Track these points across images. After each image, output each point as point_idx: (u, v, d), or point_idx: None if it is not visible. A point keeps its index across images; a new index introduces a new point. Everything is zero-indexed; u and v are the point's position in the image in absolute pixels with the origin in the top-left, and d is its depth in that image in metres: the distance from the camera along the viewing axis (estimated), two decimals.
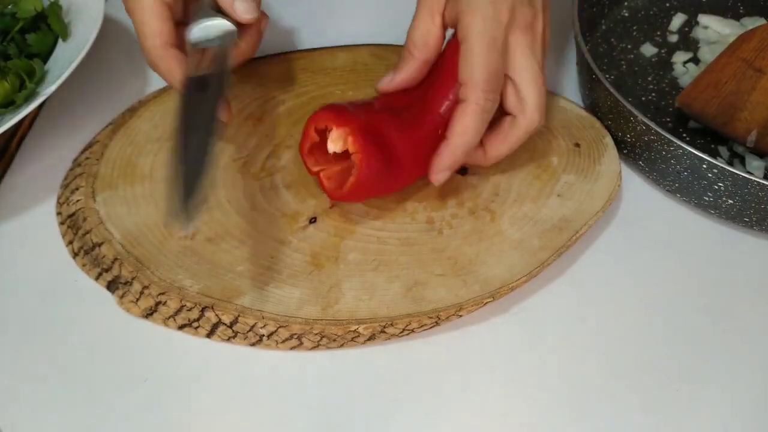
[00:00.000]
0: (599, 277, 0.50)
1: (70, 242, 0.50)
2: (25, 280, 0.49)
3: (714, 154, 0.55)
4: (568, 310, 0.48)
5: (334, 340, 0.45)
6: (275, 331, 0.45)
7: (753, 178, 0.47)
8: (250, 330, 0.45)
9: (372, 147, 0.45)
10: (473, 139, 0.46)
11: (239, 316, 0.45)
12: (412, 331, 0.45)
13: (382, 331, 0.45)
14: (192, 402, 0.44)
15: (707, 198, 0.51)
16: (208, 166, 0.38)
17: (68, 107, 0.59)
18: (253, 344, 0.46)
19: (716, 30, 0.63)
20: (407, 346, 0.46)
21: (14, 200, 0.53)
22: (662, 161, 0.51)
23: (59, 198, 0.53)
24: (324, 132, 0.46)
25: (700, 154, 0.48)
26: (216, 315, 0.45)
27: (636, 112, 0.50)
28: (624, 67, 0.62)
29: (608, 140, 0.54)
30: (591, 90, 0.56)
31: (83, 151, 0.55)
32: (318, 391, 0.44)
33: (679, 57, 0.62)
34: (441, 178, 0.47)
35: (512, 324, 0.47)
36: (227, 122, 0.48)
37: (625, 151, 0.55)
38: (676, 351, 0.47)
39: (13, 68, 0.53)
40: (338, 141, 0.45)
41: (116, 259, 0.47)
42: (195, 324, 0.46)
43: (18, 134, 0.57)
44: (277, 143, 0.54)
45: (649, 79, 0.61)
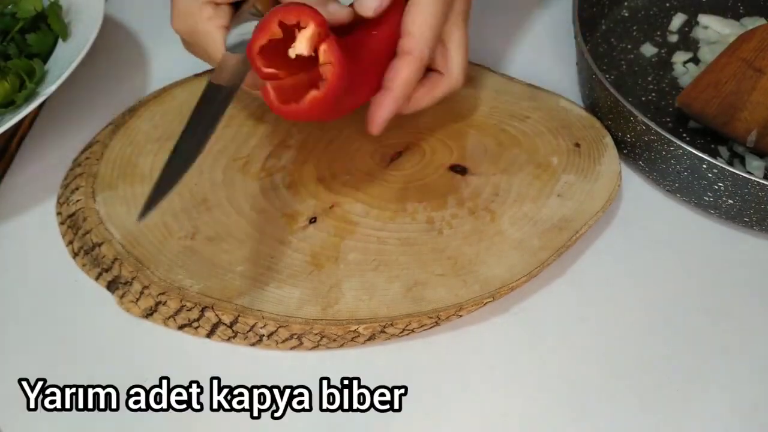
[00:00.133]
0: (599, 277, 0.50)
1: (70, 242, 0.50)
2: (25, 280, 0.49)
3: (714, 154, 0.55)
4: (568, 310, 0.48)
5: (334, 340, 0.45)
6: (275, 331, 0.45)
7: (753, 178, 0.47)
8: (250, 330, 0.45)
9: (345, 61, 0.40)
10: (411, 91, 0.46)
11: (239, 316, 0.45)
12: (412, 331, 0.45)
13: (382, 331, 0.45)
14: (192, 402, 0.44)
15: (707, 198, 0.51)
16: (181, 176, 0.40)
17: (68, 107, 0.59)
18: (253, 344, 0.46)
19: (716, 30, 0.63)
20: (407, 346, 0.46)
21: (14, 200, 0.53)
22: (662, 161, 0.51)
23: (59, 198, 0.53)
24: (291, 29, 0.40)
25: (700, 154, 0.48)
26: (216, 315, 0.45)
27: (636, 112, 0.50)
28: (624, 67, 0.62)
29: (608, 140, 0.54)
30: (591, 90, 0.56)
31: (83, 151, 0.55)
32: (318, 391, 0.44)
33: (679, 57, 0.62)
34: (380, 129, 0.46)
35: (512, 324, 0.47)
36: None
37: (625, 151, 0.55)
38: (676, 351, 0.47)
39: (13, 68, 0.54)
40: (309, 42, 0.40)
41: (116, 259, 0.47)
42: (195, 324, 0.46)
43: (18, 134, 0.57)
44: (277, 143, 0.54)
45: (649, 79, 0.61)
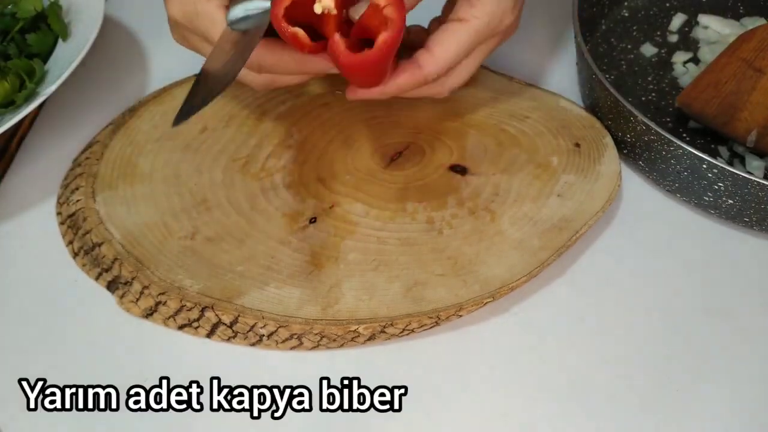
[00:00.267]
0: (599, 277, 0.50)
1: (70, 242, 0.50)
2: (25, 280, 0.49)
3: (714, 154, 0.55)
4: (568, 310, 0.48)
5: (334, 340, 0.45)
6: (275, 331, 0.45)
7: (753, 178, 0.47)
8: (250, 330, 0.45)
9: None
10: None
11: (239, 316, 0.45)
12: (412, 331, 0.45)
13: (382, 331, 0.45)
14: (192, 402, 0.44)
15: (707, 198, 0.51)
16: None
17: (68, 107, 0.59)
18: (253, 344, 0.46)
19: (716, 30, 0.63)
20: (407, 346, 0.46)
21: (14, 200, 0.53)
22: (662, 161, 0.51)
23: (59, 198, 0.53)
24: None
25: (700, 154, 0.48)
26: (216, 315, 0.45)
27: (636, 112, 0.50)
28: (624, 67, 0.62)
29: (608, 140, 0.54)
30: (591, 90, 0.56)
31: (83, 151, 0.55)
32: (318, 391, 0.44)
33: (679, 57, 0.62)
34: (355, 101, 0.46)
35: (512, 324, 0.47)
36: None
37: (625, 151, 0.55)
38: (676, 351, 0.47)
39: (13, 68, 0.54)
40: None
41: (116, 259, 0.47)
42: (195, 324, 0.46)
43: (18, 134, 0.57)
44: (277, 143, 0.54)
45: (649, 79, 0.61)
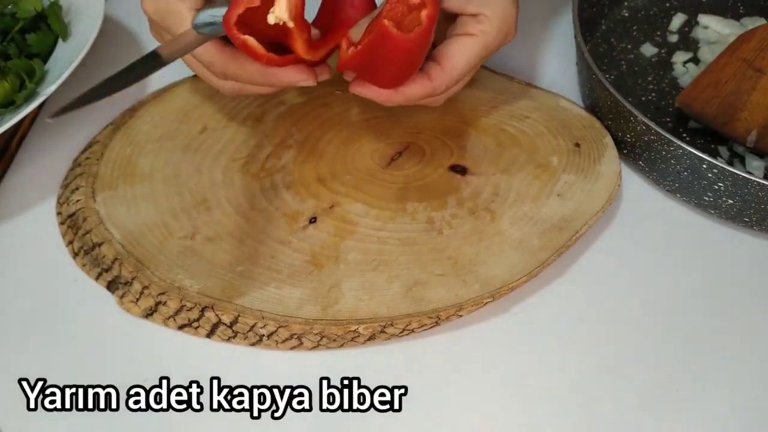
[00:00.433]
0: (599, 277, 0.50)
1: (70, 242, 0.50)
2: (25, 280, 0.49)
3: (714, 154, 0.55)
4: (568, 310, 0.48)
5: (334, 340, 0.45)
6: (275, 331, 0.45)
7: (753, 178, 0.47)
8: (250, 330, 0.45)
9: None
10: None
11: (239, 316, 0.45)
12: (412, 331, 0.45)
13: (382, 331, 0.45)
14: (192, 402, 0.44)
15: (707, 198, 0.51)
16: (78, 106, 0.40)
17: None
18: (253, 344, 0.46)
19: (716, 30, 0.63)
20: (407, 346, 0.46)
21: (14, 200, 0.53)
22: (662, 161, 0.51)
23: (59, 198, 0.53)
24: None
25: (700, 154, 0.48)
26: (216, 315, 0.45)
27: (636, 112, 0.50)
28: (624, 67, 0.62)
29: (608, 140, 0.54)
30: (591, 90, 0.56)
31: (83, 151, 0.55)
32: (318, 391, 0.44)
33: (679, 57, 0.62)
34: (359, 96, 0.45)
35: (512, 324, 0.47)
36: None
37: (625, 151, 0.55)
38: (676, 351, 0.47)
39: (13, 68, 0.54)
40: (288, 6, 0.38)
41: (116, 259, 0.47)
42: (195, 324, 0.46)
43: (18, 134, 0.57)
44: (277, 143, 0.54)
45: (649, 79, 0.61)
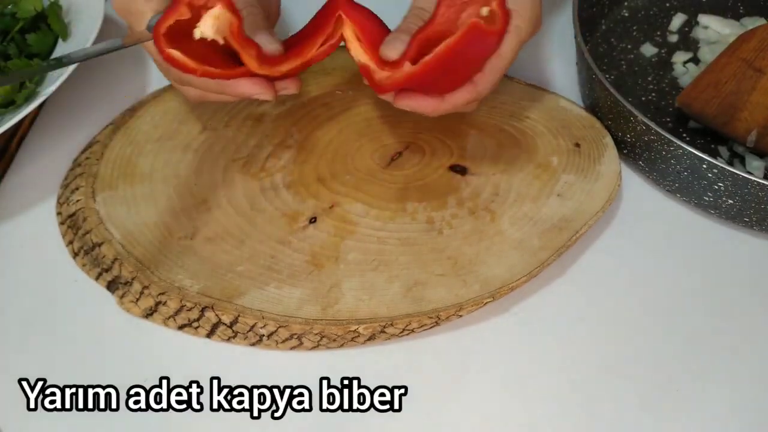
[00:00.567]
0: (599, 277, 0.50)
1: (70, 242, 0.50)
2: (25, 280, 0.49)
3: (714, 154, 0.55)
4: (568, 310, 0.48)
5: (334, 340, 0.45)
6: (275, 331, 0.45)
7: (753, 178, 0.47)
8: (250, 330, 0.45)
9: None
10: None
11: (239, 316, 0.45)
12: (412, 331, 0.45)
13: (382, 331, 0.45)
14: (192, 402, 0.44)
15: (707, 198, 0.51)
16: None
17: (68, 107, 0.59)
18: (253, 344, 0.46)
19: (716, 30, 0.63)
20: (407, 346, 0.46)
21: (14, 200, 0.53)
22: (662, 161, 0.51)
23: (59, 198, 0.53)
24: (198, 11, 0.38)
25: (700, 154, 0.48)
26: (216, 315, 0.45)
27: (636, 112, 0.50)
28: (624, 67, 0.62)
29: (608, 140, 0.54)
30: (591, 90, 0.56)
31: (83, 151, 0.55)
32: (318, 391, 0.44)
33: (679, 57, 0.62)
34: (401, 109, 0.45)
35: (512, 324, 0.47)
36: None
37: (625, 151, 0.55)
38: (676, 351, 0.47)
39: (13, 68, 0.54)
40: (215, 23, 0.39)
41: (116, 259, 0.47)
42: (195, 324, 0.46)
43: (18, 134, 0.57)
44: (277, 143, 0.54)
45: (649, 79, 0.61)
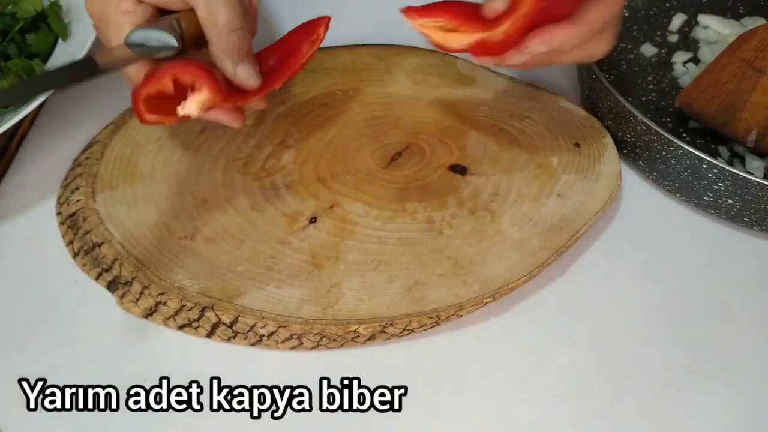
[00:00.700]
0: (599, 277, 0.50)
1: (70, 242, 0.50)
2: (25, 280, 0.49)
3: (714, 154, 0.55)
4: (568, 310, 0.48)
5: (334, 340, 0.45)
6: (275, 331, 0.45)
7: (753, 178, 0.47)
8: (250, 330, 0.45)
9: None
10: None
11: (239, 316, 0.45)
12: (412, 331, 0.45)
13: (382, 331, 0.45)
14: (192, 402, 0.44)
15: (707, 198, 0.51)
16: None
17: (68, 107, 0.59)
18: (253, 344, 0.46)
19: (716, 30, 0.63)
20: (407, 346, 0.46)
21: (14, 200, 0.53)
22: (662, 161, 0.51)
23: (59, 198, 0.53)
24: (183, 86, 0.40)
25: (700, 154, 0.48)
26: (216, 315, 0.45)
27: (636, 112, 0.50)
28: (624, 67, 0.62)
29: (608, 140, 0.54)
30: (591, 90, 0.56)
31: (83, 151, 0.55)
32: (318, 391, 0.44)
33: (679, 57, 0.62)
34: (520, 61, 0.44)
35: (512, 324, 0.47)
36: None
37: (625, 151, 0.55)
38: (676, 351, 0.47)
39: (13, 68, 0.54)
40: (200, 106, 0.41)
41: (116, 259, 0.47)
42: (195, 324, 0.46)
43: (18, 134, 0.57)
44: (277, 143, 0.54)
45: (649, 79, 0.61)
